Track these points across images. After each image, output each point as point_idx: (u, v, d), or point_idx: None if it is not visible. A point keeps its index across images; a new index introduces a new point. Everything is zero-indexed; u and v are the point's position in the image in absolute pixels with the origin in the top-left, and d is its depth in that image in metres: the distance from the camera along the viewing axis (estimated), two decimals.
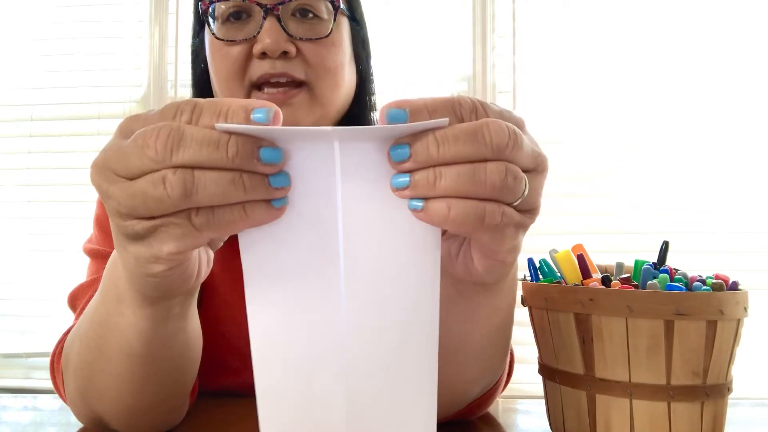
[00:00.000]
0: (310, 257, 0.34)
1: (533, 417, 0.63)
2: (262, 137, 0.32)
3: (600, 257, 0.56)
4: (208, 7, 0.64)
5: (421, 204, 0.33)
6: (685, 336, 0.44)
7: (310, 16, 0.63)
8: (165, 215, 0.33)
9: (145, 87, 1.82)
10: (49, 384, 0.58)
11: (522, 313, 0.54)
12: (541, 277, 0.54)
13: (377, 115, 0.75)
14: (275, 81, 0.62)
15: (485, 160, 0.33)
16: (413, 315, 0.35)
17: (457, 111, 0.33)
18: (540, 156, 0.36)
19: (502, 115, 0.34)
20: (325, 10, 0.64)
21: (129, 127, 0.34)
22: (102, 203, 0.36)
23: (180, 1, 1.83)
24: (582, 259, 0.52)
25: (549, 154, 0.37)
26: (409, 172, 0.33)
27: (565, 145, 1.70)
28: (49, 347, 0.58)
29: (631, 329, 0.44)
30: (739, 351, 0.47)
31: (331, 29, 0.64)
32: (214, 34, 0.64)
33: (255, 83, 0.63)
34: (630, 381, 0.45)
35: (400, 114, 0.32)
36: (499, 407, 0.65)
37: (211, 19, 0.64)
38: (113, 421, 0.50)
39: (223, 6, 0.63)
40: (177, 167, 0.31)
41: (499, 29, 1.78)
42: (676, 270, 0.51)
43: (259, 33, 0.62)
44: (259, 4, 0.61)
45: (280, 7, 0.61)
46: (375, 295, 0.35)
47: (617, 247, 1.62)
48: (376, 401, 0.36)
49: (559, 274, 0.53)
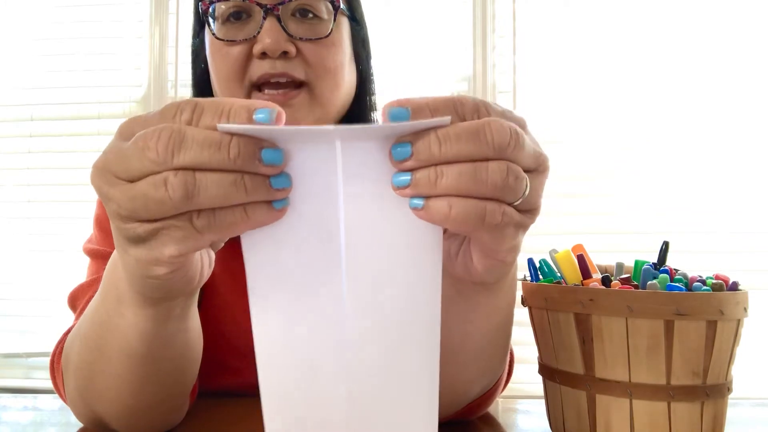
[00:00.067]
0: (312, 258, 0.34)
1: (533, 417, 0.63)
2: (264, 138, 0.32)
3: (600, 257, 0.56)
4: (208, 7, 0.64)
5: (421, 203, 0.33)
6: (685, 336, 0.44)
7: (310, 16, 0.63)
8: (166, 218, 0.32)
9: (145, 87, 1.82)
10: (49, 384, 0.58)
11: (522, 313, 0.54)
12: (541, 277, 0.54)
13: (378, 116, 0.75)
14: (275, 81, 0.63)
15: (487, 159, 0.32)
16: (414, 315, 0.35)
17: (459, 110, 0.33)
18: (541, 156, 0.36)
19: (504, 115, 0.34)
20: (325, 10, 0.64)
21: (129, 128, 0.34)
22: (102, 203, 0.36)
23: (180, 1, 1.83)
24: (582, 259, 0.52)
25: (549, 154, 0.37)
26: (411, 170, 0.33)
27: (565, 145, 1.70)
28: (49, 347, 0.58)
29: (631, 329, 0.44)
30: (739, 351, 0.47)
31: (331, 29, 0.64)
32: (214, 34, 0.64)
33: (255, 83, 0.63)
34: (630, 381, 0.45)
35: (402, 112, 0.32)
36: (499, 407, 0.65)
37: (211, 19, 0.64)
38: (113, 421, 0.50)
39: (223, 6, 0.63)
40: (178, 169, 0.31)
41: (500, 29, 1.78)
42: (676, 270, 0.51)
43: (259, 33, 0.62)
44: (259, 4, 0.61)
45: (280, 7, 0.61)
46: (376, 295, 0.35)
47: (617, 247, 1.61)
48: (376, 401, 0.36)
49: (559, 274, 0.53)
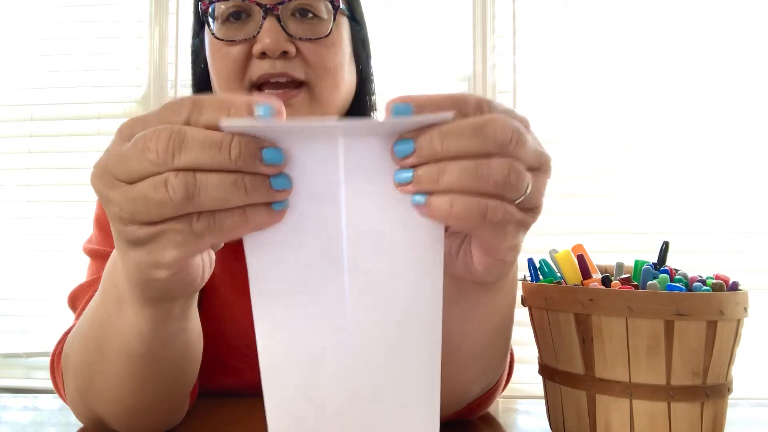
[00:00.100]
0: (314, 258, 0.34)
1: (533, 417, 0.63)
2: (266, 133, 0.32)
3: (600, 257, 0.56)
4: (208, 7, 0.64)
5: (423, 199, 0.33)
6: (685, 336, 0.44)
7: (310, 16, 0.63)
8: (166, 220, 0.32)
9: (145, 87, 1.82)
10: (49, 384, 0.58)
11: (522, 313, 0.54)
12: (541, 277, 0.54)
13: (378, 116, 0.75)
14: (275, 81, 0.62)
15: (489, 156, 0.32)
16: (416, 314, 0.35)
17: (462, 108, 0.33)
18: (544, 156, 0.36)
19: (507, 113, 0.34)
20: (324, 9, 0.64)
21: (129, 129, 0.34)
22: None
23: (180, 1, 1.83)
24: (582, 259, 0.52)
25: (549, 154, 0.37)
26: (413, 167, 0.33)
27: (565, 145, 1.70)
28: (49, 347, 0.57)
29: (631, 329, 0.44)
30: (739, 351, 0.47)
31: (331, 29, 0.64)
32: (213, 34, 0.64)
33: (255, 83, 0.63)
34: (630, 381, 0.45)
35: (404, 109, 0.32)
36: (499, 407, 0.65)
37: (210, 19, 0.64)
38: (113, 421, 0.50)
39: (222, 6, 0.63)
40: (178, 170, 0.31)
41: (500, 29, 1.78)
42: (676, 270, 0.51)
43: (258, 33, 0.62)
44: (258, 4, 0.61)
45: (280, 7, 0.61)
46: (378, 294, 0.35)
47: (617, 247, 1.61)
48: (378, 401, 0.36)
49: (559, 274, 0.53)
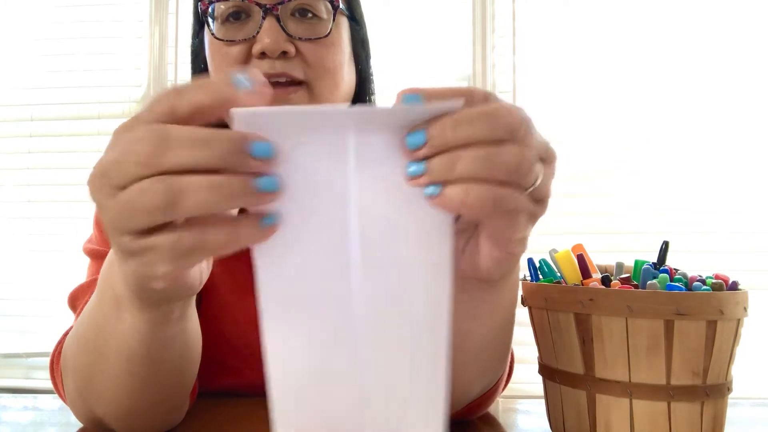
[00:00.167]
0: (324, 252, 0.34)
1: (533, 417, 0.63)
2: (272, 126, 0.31)
3: (600, 257, 0.56)
4: (208, 7, 0.64)
5: (437, 190, 0.33)
6: (685, 336, 0.44)
7: (310, 15, 0.63)
8: (156, 232, 0.32)
9: (145, 87, 1.82)
10: (49, 384, 0.57)
11: (522, 313, 0.54)
12: (541, 277, 0.54)
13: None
14: (274, 81, 0.62)
15: (499, 144, 0.33)
16: (425, 311, 0.35)
17: (470, 100, 0.34)
18: (549, 148, 0.36)
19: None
20: (324, 9, 0.64)
21: (122, 132, 0.33)
22: None
23: (180, 1, 1.83)
24: (582, 259, 0.52)
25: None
26: (425, 158, 0.33)
27: (565, 145, 1.70)
28: (49, 347, 0.57)
29: (631, 329, 0.44)
30: (739, 351, 0.47)
31: (331, 29, 0.64)
32: (213, 34, 0.64)
33: None
34: (630, 381, 0.45)
35: (414, 98, 0.33)
36: (499, 407, 0.65)
37: (210, 19, 0.64)
38: (112, 421, 0.50)
39: (222, 6, 0.63)
40: (164, 173, 0.30)
41: (499, 29, 1.78)
42: (676, 270, 0.50)
43: (258, 33, 0.62)
44: (258, 4, 0.61)
45: (280, 7, 0.61)
46: (388, 291, 0.34)
47: (617, 247, 1.61)
48: (389, 401, 0.36)
49: (559, 274, 0.53)
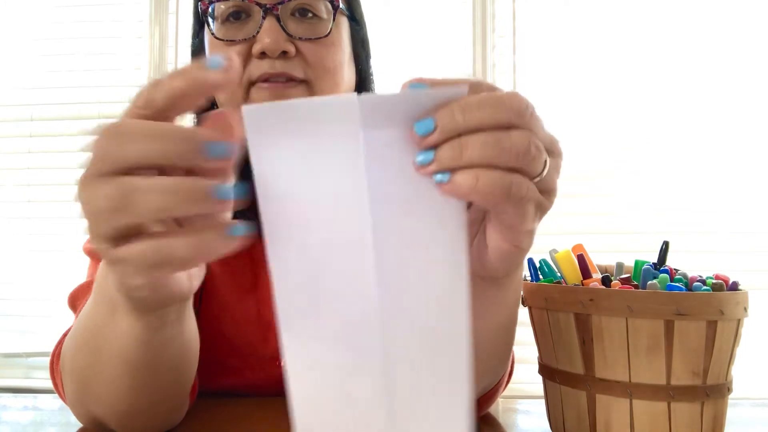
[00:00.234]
0: (338, 247, 0.34)
1: (533, 417, 0.63)
2: (283, 119, 0.31)
3: (600, 257, 0.56)
4: (208, 7, 0.64)
5: (447, 177, 0.33)
6: (685, 336, 0.44)
7: (310, 15, 0.63)
8: (127, 242, 0.31)
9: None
10: (49, 384, 0.57)
11: (522, 313, 0.54)
12: (541, 277, 0.54)
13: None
14: (275, 81, 0.62)
15: (507, 129, 0.33)
16: (444, 308, 0.35)
17: (476, 89, 0.34)
18: (556, 140, 0.37)
19: None
20: (324, 9, 0.64)
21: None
22: None
23: (180, 1, 1.83)
24: (582, 259, 0.52)
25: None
26: (435, 145, 0.33)
27: (565, 145, 1.69)
28: (49, 347, 0.57)
29: (631, 329, 0.44)
30: (739, 351, 0.47)
31: (331, 29, 0.64)
32: (213, 34, 0.64)
33: (254, 82, 0.63)
34: (630, 381, 0.45)
35: (421, 87, 0.33)
36: (499, 407, 0.65)
37: (210, 19, 0.64)
38: (111, 422, 0.50)
39: (222, 6, 0.63)
40: (116, 173, 0.29)
41: (499, 29, 1.78)
42: (676, 270, 0.50)
43: (258, 33, 0.62)
44: (258, 4, 0.61)
45: (280, 6, 0.61)
46: (405, 284, 0.34)
47: (617, 247, 1.61)
48: (414, 399, 0.35)
49: (559, 274, 0.53)
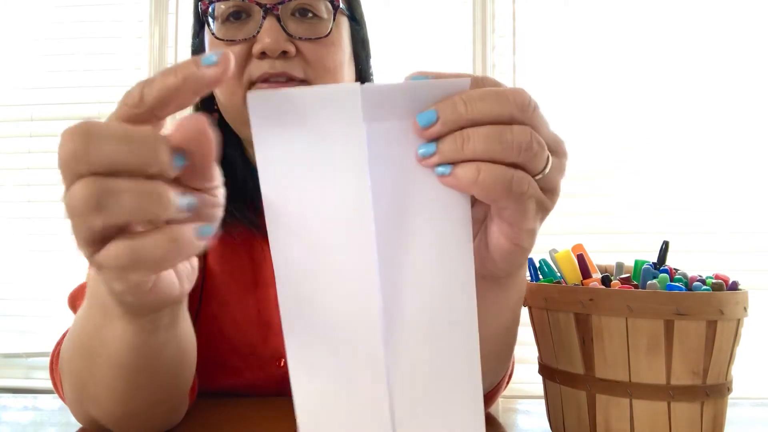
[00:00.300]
0: (341, 239, 0.34)
1: (533, 417, 0.63)
2: (287, 108, 0.31)
3: (600, 257, 0.56)
4: (208, 7, 0.64)
5: (448, 169, 0.33)
6: (685, 336, 0.44)
7: (310, 15, 0.63)
8: (100, 245, 0.31)
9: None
10: (49, 384, 0.57)
11: (522, 313, 0.54)
12: (541, 277, 0.54)
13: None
14: (275, 80, 0.62)
15: (510, 123, 0.33)
16: (451, 301, 0.35)
17: (480, 84, 0.34)
18: (560, 140, 0.37)
19: None
20: (324, 9, 0.64)
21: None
22: None
23: (180, 1, 1.83)
24: (582, 259, 0.52)
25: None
26: (437, 137, 0.33)
27: (566, 145, 1.70)
28: (49, 347, 0.57)
29: (631, 329, 0.44)
30: (739, 351, 0.47)
31: (331, 29, 0.64)
32: (213, 34, 0.64)
33: (254, 82, 0.63)
34: (630, 381, 0.45)
35: (423, 79, 0.33)
36: (499, 407, 0.65)
37: (210, 19, 0.64)
38: (109, 424, 0.50)
39: (222, 6, 0.63)
40: (94, 174, 0.29)
41: (499, 29, 1.78)
42: (676, 270, 0.50)
43: (258, 33, 0.62)
44: (258, 4, 0.61)
45: (280, 6, 0.61)
46: (409, 277, 0.34)
47: (617, 247, 1.61)
48: (419, 398, 0.35)
49: (559, 274, 0.53)
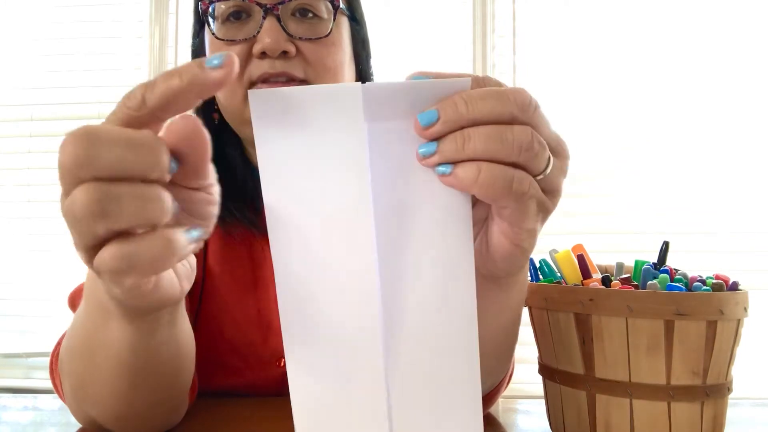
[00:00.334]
0: (341, 238, 0.34)
1: (533, 417, 0.63)
2: (288, 106, 0.32)
3: (600, 257, 0.56)
4: (208, 7, 0.64)
5: (449, 169, 0.33)
6: (685, 336, 0.44)
7: (310, 15, 0.63)
8: (95, 250, 0.31)
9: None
10: (49, 384, 0.57)
11: (522, 313, 0.54)
12: (541, 277, 0.54)
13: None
14: (275, 80, 0.63)
15: (511, 123, 0.33)
16: (451, 300, 0.35)
17: (482, 84, 0.34)
18: (562, 142, 0.36)
19: None
20: (324, 9, 0.64)
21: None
22: None
23: (180, 1, 1.83)
24: (582, 259, 0.52)
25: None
26: (438, 136, 0.33)
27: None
28: (49, 347, 0.57)
29: (631, 329, 0.44)
30: (739, 351, 0.47)
31: (331, 29, 0.64)
32: (213, 34, 0.64)
33: (254, 82, 0.63)
34: (630, 381, 0.45)
35: (424, 79, 0.33)
36: (499, 407, 0.65)
37: (211, 19, 0.64)
38: (108, 424, 0.50)
39: (222, 6, 0.63)
40: (93, 180, 0.29)
41: (499, 29, 1.78)
42: (676, 270, 0.50)
43: (258, 33, 0.62)
44: (258, 4, 0.61)
45: (280, 6, 0.61)
46: (409, 279, 0.34)
47: (617, 247, 1.61)
48: (417, 400, 0.35)
49: (559, 274, 0.53)
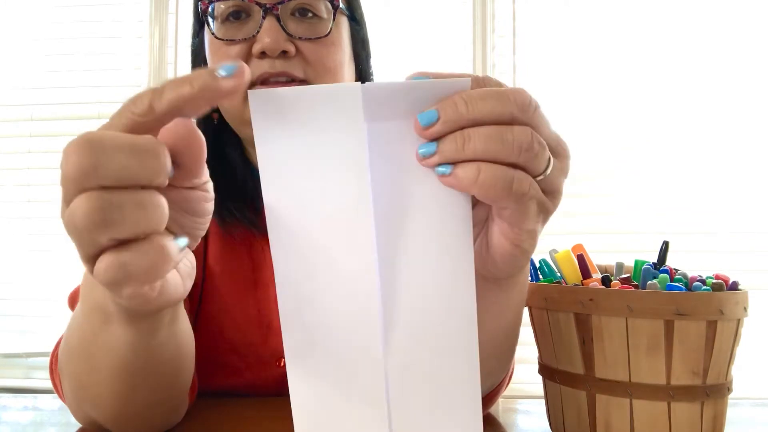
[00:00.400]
0: (341, 237, 0.34)
1: (533, 417, 0.63)
2: (287, 106, 0.32)
3: (600, 257, 0.56)
4: (208, 7, 0.64)
5: (449, 169, 0.33)
6: (685, 336, 0.44)
7: (310, 15, 0.63)
8: (94, 257, 0.30)
9: (145, 87, 1.81)
10: (49, 384, 0.57)
11: (522, 314, 0.54)
12: (541, 277, 0.54)
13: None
14: (275, 80, 0.63)
15: (511, 123, 0.33)
16: (451, 300, 0.35)
17: (482, 84, 0.34)
18: (562, 143, 0.36)
19: None
20: (324, 9, 0.64)
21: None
22: None
23: (180, 1, 1.83)
24: (582, 259, 0.52)
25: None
26: (438, 136, 0.33)
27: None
28: (49, 347, 0.57)
29: (631, 329, 0.44)
30: (739, 351, 0.47)
31: (331, 29, 0.64)
32: (213, 34, 0.64)
33: (254, 82, 0.63)
34: (630, 381, 0.45)
35: (424, 79, 0.33)
36: (499, 407, 0.65)
37: (210, 19, 0.64)
38: (108, 424, 0.50)
39: (222, 6, 0.63)
40: (97, 188, 0.29)
41: (499, 29, 1.78)
42: (676, 270, 0.50)
43: (258, 32, 0.62)
44: (258, 4, 0.61)
45: (280, 6, 0.61)
46: (409, 275, 0.34)
47: (617, 247, 1.61)
48: (418, 398, 0.35)
49: (559, 274, 0.53)
